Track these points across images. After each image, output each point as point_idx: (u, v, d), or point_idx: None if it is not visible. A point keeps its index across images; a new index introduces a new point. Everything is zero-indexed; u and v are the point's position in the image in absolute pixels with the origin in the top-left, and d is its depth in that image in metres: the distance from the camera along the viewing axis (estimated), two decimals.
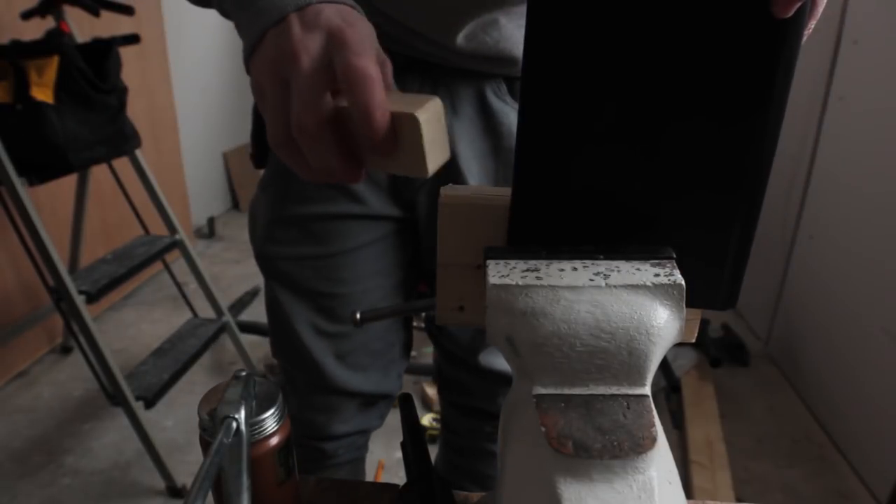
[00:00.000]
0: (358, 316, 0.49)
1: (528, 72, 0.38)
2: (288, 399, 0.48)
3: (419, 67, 0.68)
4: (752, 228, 0.40)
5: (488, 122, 0.70)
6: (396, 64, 0.46)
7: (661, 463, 0.31)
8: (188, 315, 2.10)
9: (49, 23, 1.76)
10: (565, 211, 0.39)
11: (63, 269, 1.54)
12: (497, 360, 0.82)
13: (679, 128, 0.38)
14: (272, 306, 0.80)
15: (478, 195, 0.41)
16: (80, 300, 1.56)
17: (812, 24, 0.40)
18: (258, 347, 2.16)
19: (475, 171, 0.71)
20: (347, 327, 0.78)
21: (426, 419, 1.83)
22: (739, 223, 0.40)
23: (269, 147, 0.74)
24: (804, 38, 0.38)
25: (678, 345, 0.72)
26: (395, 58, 0.46)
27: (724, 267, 0.41)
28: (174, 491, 1.64)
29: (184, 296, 2.09)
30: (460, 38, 0.63)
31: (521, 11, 0.63)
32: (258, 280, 0.84)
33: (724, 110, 0.37)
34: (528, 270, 0.35)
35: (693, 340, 0.42)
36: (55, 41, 1.60)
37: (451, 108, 0.69)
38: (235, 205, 3.73)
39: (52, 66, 1.54)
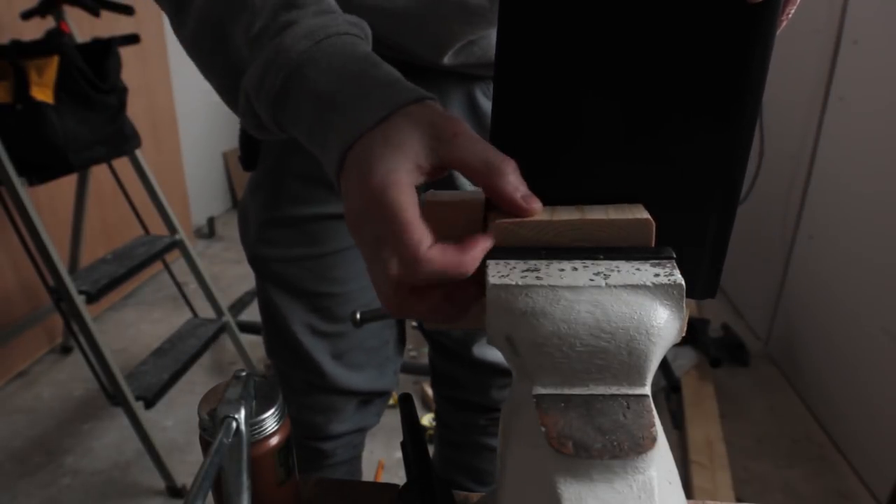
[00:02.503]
0: (358, 316, 0.49)
1: (501, 63, 0.38)
2: (284, 400, 0.48)
3: (408, 69, 0.68)
4: (729, 221, 0.41)
5: (478, 122, 0.70)
6: None
7: (661, 463, 0.31)
8: (188, 315, 2.10)
9: (49, 23, 1.76)
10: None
11: (63, 269, 1.54)
12: (490, 352, 0.82)
13: (653, 123, 0.38)
14: (267, 308, 0.80)
15: (458, 197, 0.40)
16: (80, 300, 1.56)
17: (791, 11, 0.40)
18: (258, 347, 2.16)
19: None
20: (343, 326, 0.78)
21: (426, 419, 1.83)
22: (716, 215, 0.41)
23: (258, 149, 0.74)
24: (781, 26, 0.38)
25: (678, 345, 0.72)
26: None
27: (702, 258, 0.41)
28: (174, 491, 1.64)
29: (184, 296, 2.10)
30: (447, 58, 0.64)
31: None
32: None
33: (699, 105, 0.38)
34: (528, 270, 0.35)
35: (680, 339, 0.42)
36: (55, 41, 1.60)
37: None
38: (235, 205, 3.73)
39: (52, 66, 1.54)
